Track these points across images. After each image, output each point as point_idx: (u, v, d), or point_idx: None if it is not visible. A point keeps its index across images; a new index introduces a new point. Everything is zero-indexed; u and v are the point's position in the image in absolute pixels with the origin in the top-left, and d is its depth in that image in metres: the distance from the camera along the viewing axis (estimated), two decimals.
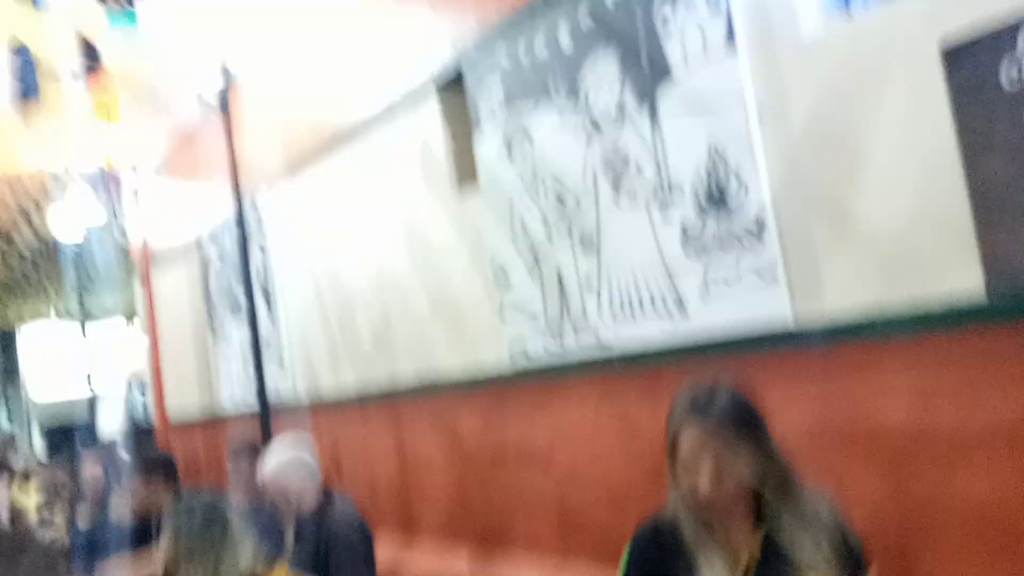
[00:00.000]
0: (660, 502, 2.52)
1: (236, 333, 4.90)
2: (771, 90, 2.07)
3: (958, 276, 1.76)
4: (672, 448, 1.44)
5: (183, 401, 6.03)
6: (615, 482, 2.62)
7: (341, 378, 4.04)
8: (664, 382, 2.41)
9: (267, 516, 2.49)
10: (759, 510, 1.43)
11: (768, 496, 1.41)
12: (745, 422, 1.40)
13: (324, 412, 4.15)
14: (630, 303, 2.45)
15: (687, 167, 2.25)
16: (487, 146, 2.93)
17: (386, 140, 3.56)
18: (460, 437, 3.29)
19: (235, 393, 5.00)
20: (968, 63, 1.69)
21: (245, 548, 1.81)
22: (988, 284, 1.70)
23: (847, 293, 1.95)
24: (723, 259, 2.18)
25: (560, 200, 2.64)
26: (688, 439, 1.40)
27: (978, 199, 1.71)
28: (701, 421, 1.40)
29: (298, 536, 2.39)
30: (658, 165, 2.32)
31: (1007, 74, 1.63)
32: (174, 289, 5.97)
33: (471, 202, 3.11)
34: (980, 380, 1.74)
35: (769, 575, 1.39)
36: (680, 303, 2.30)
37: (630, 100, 2.37)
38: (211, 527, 1.78)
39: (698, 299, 2.25)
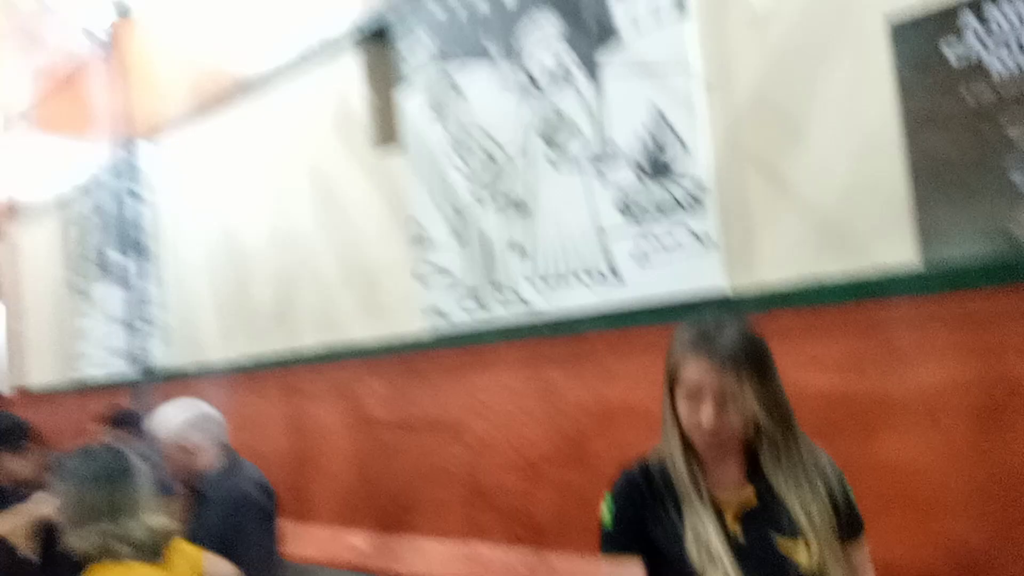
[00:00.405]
0: (580, 474, 2.54)
1: (110, 295, 4.53)
2: (719, 57, 2.07)
3: (894, 247, 1.81)
4: (671, 382, 1.34)
5: (46, 368, 5.54)
6: (533, 454, 2.58)
7: (233, 345, 3.80)
8: (594, 350, 2.40)
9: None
10: (756, 459, 1.36)
11: (769, 440, 1.34)
12: (754, 357, 1.31)
13: (212, 382, 3.90)
14: (562, 268, 2.41)
15: (628, 131, 2.23)
16: (414, 102, 2.81)
17: (298, 93, 3.36)
18: (367, 408, 3.16)
19: (107, 360, 4.63)
20: (914, 39, 1.74)
21: (148, 499, 1.64)
22: (923, 256, 1.77)
23: (784, 261, 1.98)
24: (661, 225, 2.17)
25: (491, 160, 2.57)
26: (692, 370, 1.30)
27: (917, 173, 1.77)
28: (708, 352, 1.30)
29: (200, 499, 2.21)
30: (598, 127, 2.29)
31: (952, 51, 1.69)
32: (44, 247, 5.46)
33: (391, 161, 2.99)
34: (909, 348, 1.81)
35: (761, 525, 1.32)
36: (614, 269, 2.28)
37: (572, 60, 2.33)
38: (114, 478, 1.60)
39: (634, 265, 2.24)
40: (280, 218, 3.49)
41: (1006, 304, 1.67)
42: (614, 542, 1.40)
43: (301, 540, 3.27)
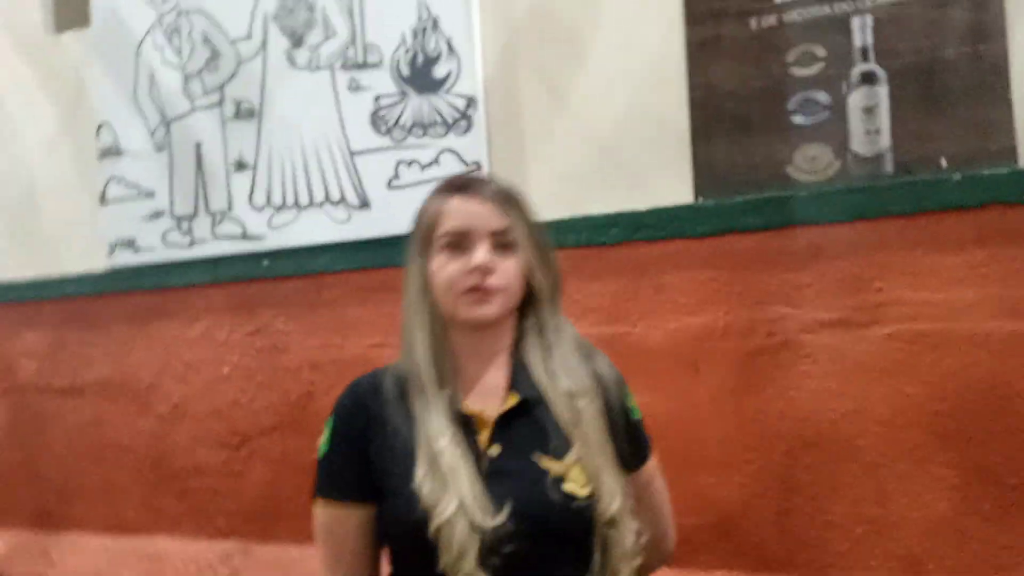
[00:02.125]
0: (303, 443, 2.12)
1: None
2: None
3: (670, 183, 1.69)
4: (424, 242, 1.09)
5: None
6: (246, 424, 2.12)
7: None
8: (331, 294, 2.01)
9: None
10: (522, 364, 1.11)
11: (537, 315, 1.11)
12: (524, 200, 1.12)
13: None
14: (299, 193, 2.00)
15: (392, 35, 1.89)
16: None
17: None
18: (17, 368, 2.44)
19: None
20: None
21: None
22: (697, 194, 1.66)
23: (556, 193, 1.77)
24: (420, 140, 1.87)
25: (214, 52, 2.08)
26: (459, 213, 1.07)
27: (696, 105, 1.66)
28: (478, 191, 1.09)
29: None
30: (356, 28, 1.93)
31: None
32: None
33: (74, 51, 2.34)
34: (676, 292, 1.69)
35: (524, 442, 1.06)
36: (362, 196, 1.93)
37: None
38: None
39: (386, 192, 1.91)
40: None
41: (776, 247, 1.61)
42: (327, 478, 1.10)
43: None
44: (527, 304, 1.12)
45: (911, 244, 1.50)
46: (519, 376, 1.10)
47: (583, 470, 1.04)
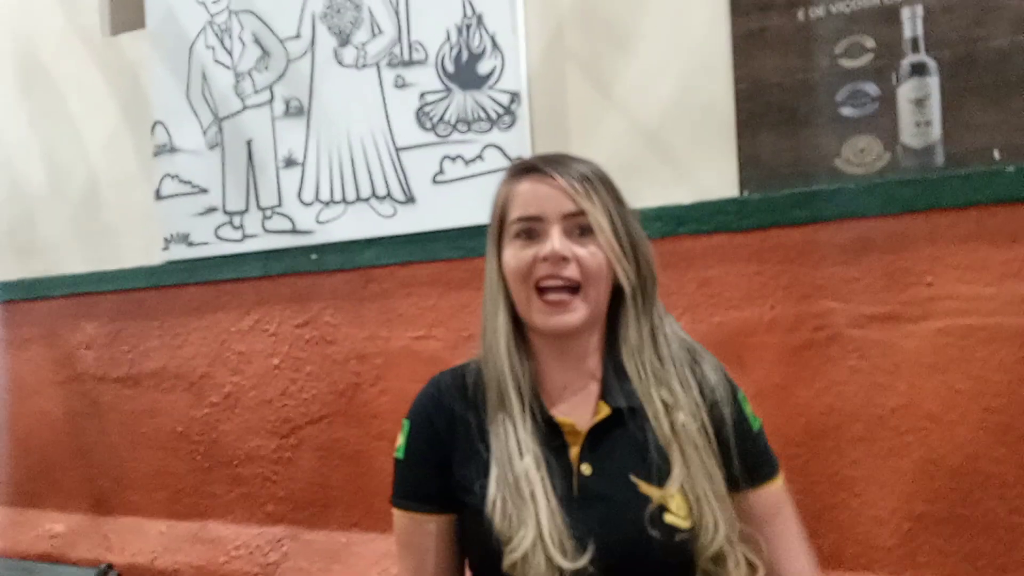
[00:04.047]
0: (352, 433, 2.17)
1: None
2: None
3: (717, 175, 1.68)
4: (499, 232, 0.99)
5: None
6: (296, 413, 2.17)
7: None
8: (378, 287, 2.05)
9: None
10: (618, 370, 0.96)
11: (629, 309, 0.96)
12: (609, 181, 0.98)
13: None
14: (347, 189, 2.04)
15: (437, 33, 1.91)
16: None
17: None
18: (77, 358, 2.53)
19: None
20: None
21: None
22: (743, 186, 1.65)
23: None
24: (464, 137, 1.89)
25: (264, 51, 2.13)
26: (529, 198, 0.95)
27: (743, 96, 1.65)
28: (551, 171, 0.96)
29: None
30: (402, 26, 1.96)
31: None
32: None
33: (131, 51, 2.41)
34: (719, 285, 1.68)
35: (617, 460, 0.93)
36: (408, 191, 1.96)
37: None
38: None
39: (431, 187, 1.93)
40: None
41: (824, 240, 1.60)
42: (404, 485, 1.01)
43: None
44: (621, 299, 0.99)
45: (962, 237, 1.48)
46: (611, 383, 0.97)
47: (684, 497, 0.90)
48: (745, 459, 0.96)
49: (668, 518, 0.90)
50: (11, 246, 2.64)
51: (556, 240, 0.93)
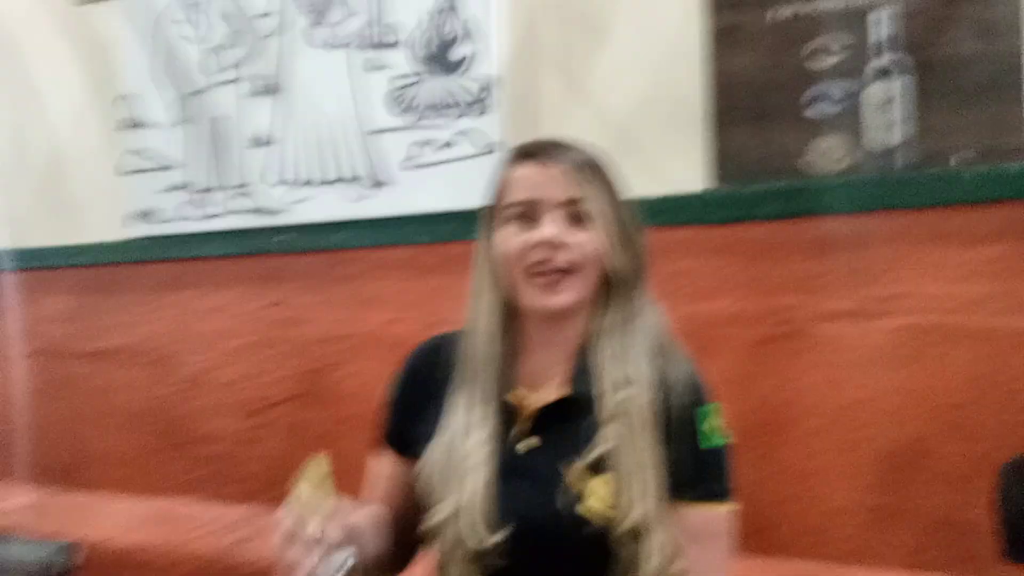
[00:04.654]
0: (317, 415, 2.17)
1: None
2: None
3: (686, 169, 1.69)
4: (491, 214, 0.99)
5: None
6: (259, 394, 2.16)
7: None
8: (346, 270, 2.04)
9: None
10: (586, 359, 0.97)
11: (612, 301, 0.97)
12: (606, 170, 0.98)
13: None
14: (316, 170, 2.01)
15: (411, 15, 1.89)
16: None
17: None
18: (40, 332, 2.49)
19: None
20: None
21: None
22: (713, 181, 1.66)
23: None
24: (435, 123, 1.87)
25: (233, 27, 2.09)
26: (527, 182, 0.95)
27: (715, 92, 1.65)
28: (549, 156, 0.95)
29: None
30: (376, 7, 1.93)
31: None
32: None
33: (97, 22, 2.35)
34: (688, 279, 1.70)
35: (556, 442, 0.93)
36: (379, 174, 1.94)
37: None
38: None
39: (402, 171, 1.92)
40: None
41: (790, 236, 1.61)
42: (381, 428, 1.07)
43: None
44: (607, 287, 0.98)
45: (924, 238, 1.50)
46: (580, 370, 0.96)
47: (610, 483, 0.89)
48: (684, 469, 0.92)
49: (582, 509, 0.88)
50: None
51: (551, 226, 0.92)
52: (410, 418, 1.02)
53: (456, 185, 1.84)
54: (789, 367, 1.60)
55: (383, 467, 1.07)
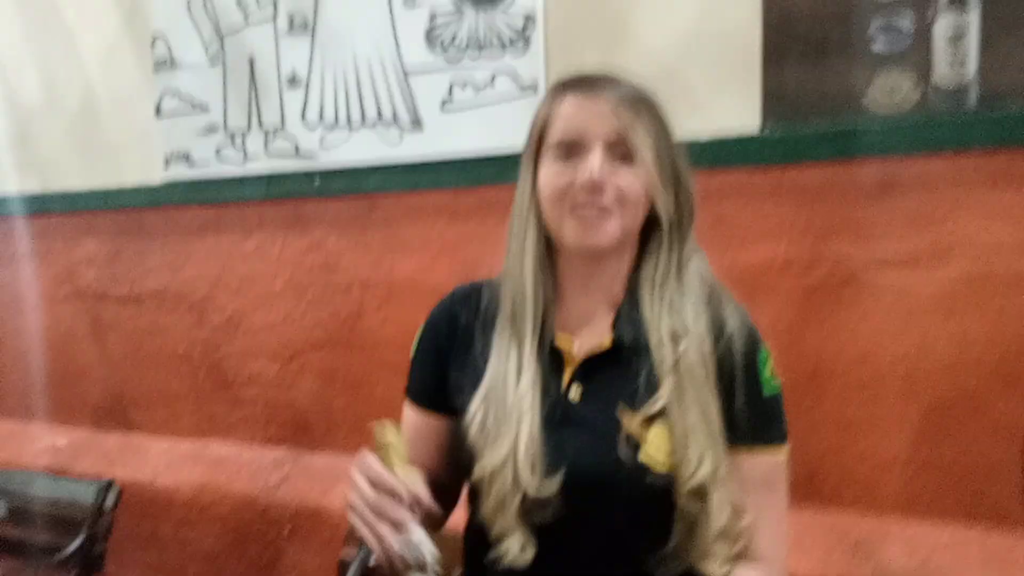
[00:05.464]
0: (352, 360, 2.16)
1: None
2: None
3: (737, 108, 1.62)
4: (536, 149, 0.94)
5: None
6: (297, 337, 2.16)
7: None
8: (382, 213, 2.01)
9: None
10: (634, 300, 0.93)
11: (661, 240, 0.93)
12: (655, 106, 0.93)
13: None
14: (352, 110, 1.97)
15: None
16: None
17: None
18: (78, 275, 2.51)
19: None
20: None
21: None
22: (766, 121, 1.59)
23: None
24: (476, 62, 1.82)
25: None
26: (573, 115, 0.90)
27: (770, 26, 1.57)
28: (597, 89, 0.91)
29: None
30: None
31: None
32: None
33: None
34: (739, 223, 1.64)
35: (607, 387, 0.89)
36: (415, 115, 1.89)
37: None
38: None
39: (437, 108, 1.87)
40: None
41: (845, 180, 1.55)
42: (412, 379, 1.04)
43: None
44: (652, 229, 0.95)
45: (989, 181, 1.43)
46: (624, 313, 0.93)
47: (669, 433, 0.86)
48: (746, 416, 0.90)
49: (642, 456, 0.86)
50: (7, 160, 2.58)
51: (596, 165, 0.88)
52: (439, 371, 0.99)
53: (495, 127, 1.79)
54: (841, 316, 1.55)
55: (421, 427, 1.03)
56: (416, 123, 1.89)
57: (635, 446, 0.86)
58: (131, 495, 2.20)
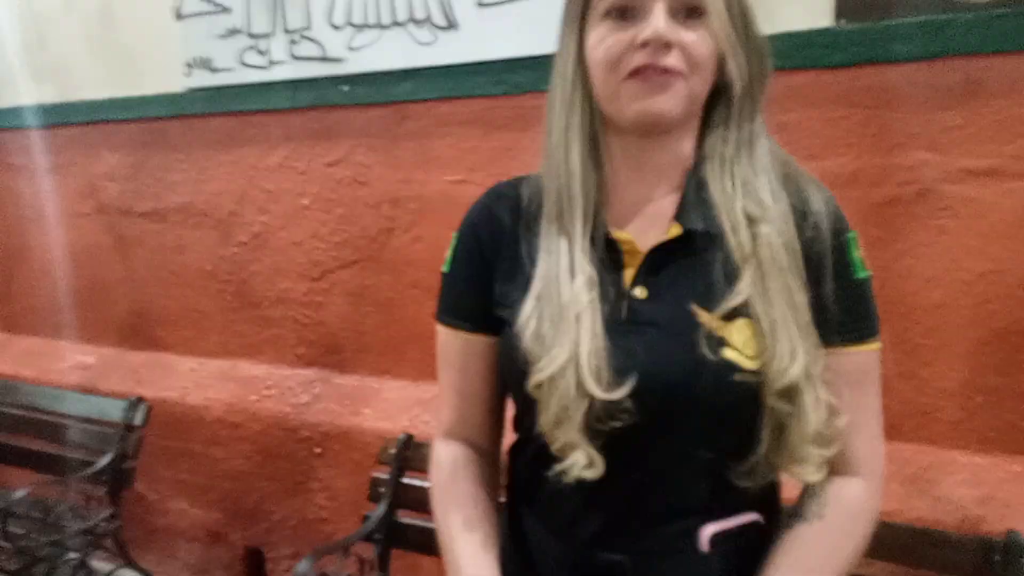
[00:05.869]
0: (382, 279, 2.08)
1: None
2: None
3: (801, 2, 1.47)
4: (577, 10, 0.81)
5: None
6: (325, 256, 2.07)
7: None
8: (413, 118, 1.89)
9: None
10: (699, 186, 0.81)
11: (732, 110, 0.80)
12: None
13: None
14: (378, 4, 1.84)
15: None
16: None
17: None
18: (100, 190, 2.43)
19: None
20: None
21: None
22: (837, 13, 1.44)
23: None
24: None
25: None
26: None
27: None
28: None
29: None
30: None
31: None
32: None
33: None
34: (800, 130, 1.51)
35: (678, 285, 0.78)
36: (449, 16, 1.75)
37: None
38: None
39: (473, 4, 1.73)
40: None
41: (924, 81, 1.40)
42: (447, 298, 0.92)
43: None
44: (717, 102, 0.82)
45: None
46: (690, 199, 0.81)
47: (754, 329, 0.75)
48: (839, 308, 0.78)
49: (727, 353, 0.75)
50: (23, 69, 2.49)
51: (660, 21, 0.74)
52: (481, 282, 0.88)
53: (535, 26, 1.65)
54: (913, 233, 1.43)
55: (462, 348, 0.92)
56: (451, 23, 1.76)
57: (718, 343, 0.75)
58: (160, 413, 2.17)
